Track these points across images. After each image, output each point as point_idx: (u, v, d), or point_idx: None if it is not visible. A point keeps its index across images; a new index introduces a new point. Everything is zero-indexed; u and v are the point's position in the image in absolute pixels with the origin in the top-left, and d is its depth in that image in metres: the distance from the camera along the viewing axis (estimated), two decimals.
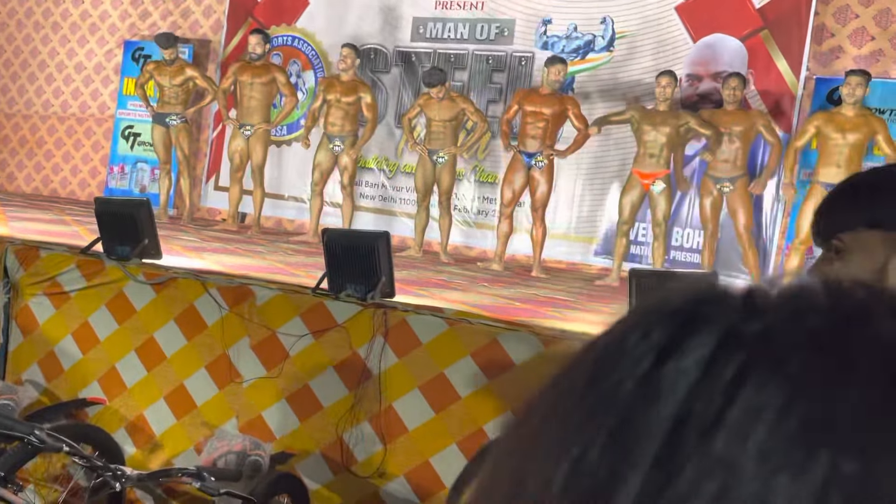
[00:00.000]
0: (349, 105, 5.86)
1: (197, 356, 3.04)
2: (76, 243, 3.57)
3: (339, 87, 5.86)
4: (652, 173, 5.14)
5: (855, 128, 4.64)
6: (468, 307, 3.31)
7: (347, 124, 5.89)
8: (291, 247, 5.41)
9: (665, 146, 5.11)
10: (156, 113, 6.36)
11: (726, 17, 5.67)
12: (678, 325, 0.27)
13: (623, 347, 0.27)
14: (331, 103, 5.89)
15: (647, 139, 5.13)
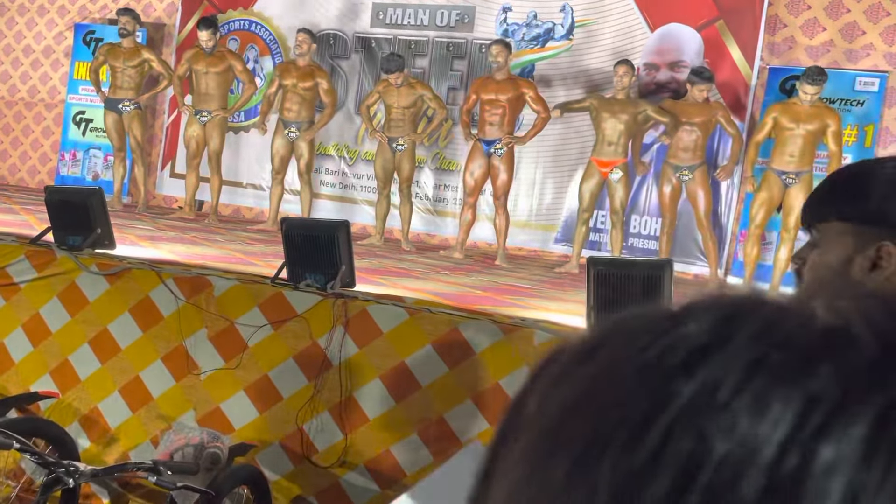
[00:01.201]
0: (305, 91, 5.79)
1: (153, 348, 2.98)
2: (26, 233, 3.47)
3: (296, 73, 5.78)
4: (610, 161, 5.20)
5: (809, 119, 4.76)
6: (429, 296, 3.31)
7: (304, 111, 5.83)
8: (250, 235, 5.34)
9: (623, 134, 5.17)
10: (108, 98, 6.19)
11: (683, 6, 5.75)
12: (807, 398, 0.19)
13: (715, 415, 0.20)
14: (287, 89, 5.82)
15: (605, 127, 5.18)
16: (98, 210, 3.21)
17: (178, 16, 7.37)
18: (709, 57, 5.65)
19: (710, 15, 5.68)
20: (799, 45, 5.64)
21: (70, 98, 7.56)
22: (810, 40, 5.62)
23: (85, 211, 3.20)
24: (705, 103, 5.19)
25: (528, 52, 6.24)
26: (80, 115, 7.48)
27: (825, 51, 5.52)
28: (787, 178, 4.82)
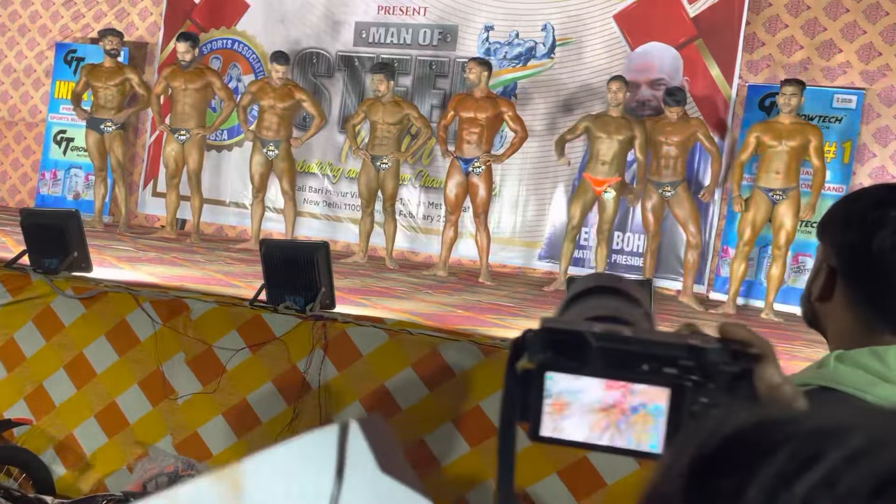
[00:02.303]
0: (284, 110, 5.79)
1: (129, 372, 2.94)
2: (2, 255, 3.43)
3: (272, 93, 5.77)
4: (605, 179, 5.21)
5: (791, 135, 4.80)
6: (409, 316, 3.29)
7: (282, 129, 5.82)
8: (232, 255, 5.30)
9: (618, 154, 5.18)
10: (90, 118, 6.16)
11: (662, 25, 5.80)
12: None
13: None
14: (264, 108, 5.81)
15: (599, 146, 5.19)
16: (74, 233, 3.18)
17: (160, 34, 7.36)
18: (688, 75, 5.71)
19: (690, 34, 5.74)
20: (777, 62, 5.71)
21: (51, 117, 7.51)
22: (788, 58, 5.69)
23: (61, 234, 3.16)
24: (685, 121, 5.22)
25: (510, 71, 6.28)
26: (61, 134, 7.43)
27: (803, 68, 5.58)
28: (775, 196, 4.85)
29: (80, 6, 7.74)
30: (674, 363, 0.46)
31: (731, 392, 0.46)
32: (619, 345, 0.46)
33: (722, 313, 4.92)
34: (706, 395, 0.46)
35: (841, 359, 0.86)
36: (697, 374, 0.46)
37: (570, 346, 0.46)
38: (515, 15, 6.28)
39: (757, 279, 5.47)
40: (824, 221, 0.95)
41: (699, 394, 0.45)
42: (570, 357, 0.46)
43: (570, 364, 0.46)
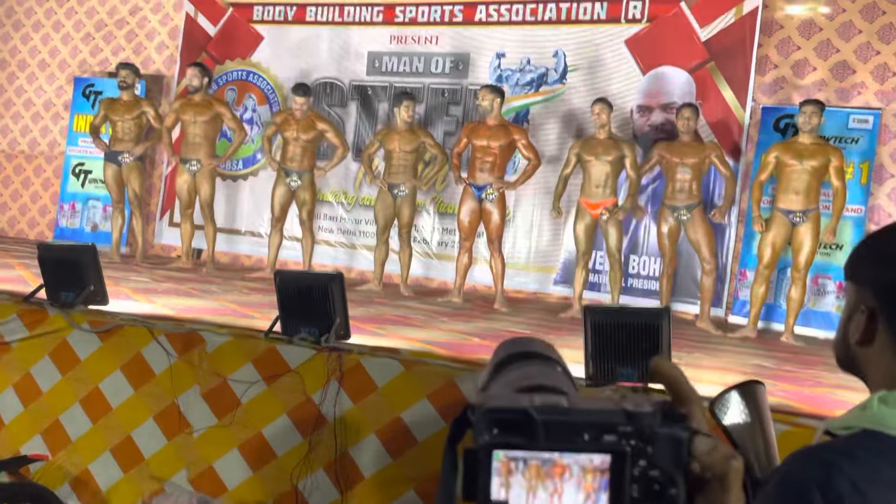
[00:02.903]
0: (307, 142, 5.84)
1: (144, 406, 2.93)
2: (19, 290, 3.45)
3: (295, 124, 5.82)
4: (599, 202, 5.20)
5: (812, 155, 4.74)
6: (425, 345, 3.27)
7: (306, 159, 5.86)
8: (247, 285, 5.31)
9: (610, 175, 5.17)
10: (108, 151, 6.24)
11: (673, 49, 5.81)
12: None
13: None
14: (287, 140, 5.86)
15: (590, 169, 5.20)
16: (91, 266, 3.19)
17: (176, 68, 7.47)
18: (701, 98, 5.70)
19: (701, 57, 5.74)
20: (791, 84, 5.69)
21: (69, 150, 7.62)
22: (802, 80, 5.66)
23: (78, 267, 3.18)
24: (699, 144, 5.20)
25: (523, 97, 6.30)
26: (80, 166, 7.53)
27: (817, 90, 5.56)
28: (795, 217, 4.79)
29: (99, 41, 7.89)
30: (612, 430, 0.47)
31: (668, 455, 0.47)
32: (560, 416, 0.47)
33: (741, 337, 4.85)
34: (645, 458, 0.47)
35: (885, 400, 0.83)
36: (635, 438, 0.47)
37: (515, 423, 0.47)
38: (527, 42, 6.32)
39: (776, 302, 5.40)
40: (854, 260, 0.92)
41: (638, 458, 0.47)
42: (516, 434, 0.47)
43: (516, 441, 0.47)
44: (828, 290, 5.33)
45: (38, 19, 8.15)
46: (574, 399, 0.48)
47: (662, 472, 0.47)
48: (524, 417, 0.47)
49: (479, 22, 6.48)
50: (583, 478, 0.46)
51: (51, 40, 8.10)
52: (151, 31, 7.71)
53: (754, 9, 5.57)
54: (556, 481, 0.46)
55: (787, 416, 2.35)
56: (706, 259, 5.12)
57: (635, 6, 5.98)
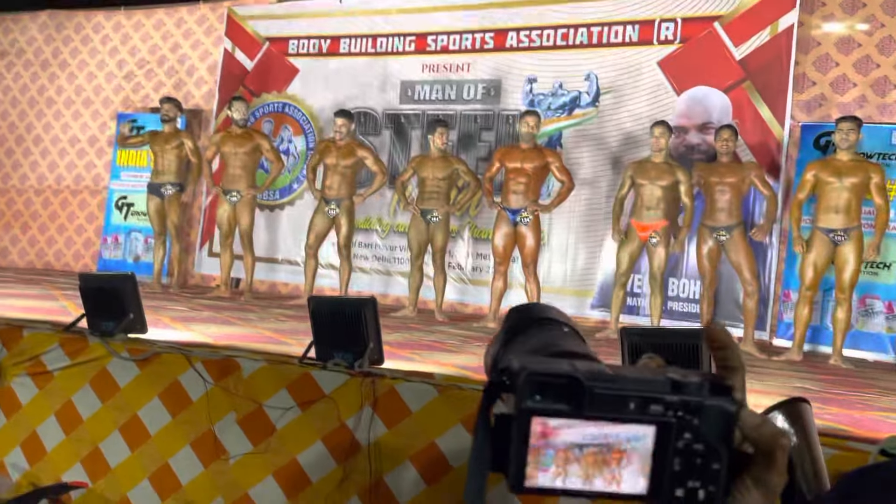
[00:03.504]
0: (346, 168, 5.90)
1: (182, 433, 2.95)
2: (62, 320, 3.52)
3: (336, 152, 5.89)
4: (650, 224, 5.13)
5: (851, 172, 4.63)
6: (459, 370, 3.24)
7: (344, 187, 5.92)
8: (284, 312, 5.35)
9: (662, 199, 5.10)
10: (150, 183, 6.39)
11: (708, 69, 5.76)
12: None
13: None
14: (328, 167, 5.93)
15: (643, 192, 5.13)
16: (130, 295, 3.24)
17: (215, 102, 7.66)
18: (738, 117, 5.62)
19: (737, 76, 5.67)
20: (830, 101, 5.58)
21: (113, 184, 7.83)
22: (841, 97, 5.56)
23: (118, 296, 3.23)
24: (738, 164, 5.12)
25: (555, 121, 6.30)
26: (122, 199, 7.73)
27: (857, 106, 5.45)
28: (836, 236, 4.66)
29: (141, 78, 8.13)
30: (659, 400, 0.44)
31: (714, 428, 0.45)
32: (606, 384, 0.44)
33: (786, 360, 4.71)
34: (690, 430, 0.44)
35: None
36: (682, 409, 0.44)
37: (560, 389, 0.44)
38: (558, 66, 6.34)
39: (822, 324, 5.24)
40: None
41: (683, 430, 0.44)
42: (561, 401, 0.44)
43: (560, 408, 0.44)
44: (875, 311, 5.16)
45: (83, 58, 8.45)
46: (618, 368, 0.46)
47: (707, 445, 0.44)
48: (571, 383, 0.44)
49: (510, 48, 6.52)
50: (626, 451, 0.44)
51: (95, 78, 8.38)
52: (191, 67, 7.92)
53: (790, 26, 5.51)
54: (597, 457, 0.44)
55: (836, 440, 2.26)
56: (748, 280, 5.00)
57: (668, 27, 5.96)
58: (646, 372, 0.46)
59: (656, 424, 0.44)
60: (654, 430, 0.44)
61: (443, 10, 6.78)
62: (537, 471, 0.44)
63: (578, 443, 0.44)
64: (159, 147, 6.30)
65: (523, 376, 0.44)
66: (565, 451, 0.44)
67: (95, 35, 8.42)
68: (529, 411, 0.43)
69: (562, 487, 0.44)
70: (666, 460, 0.44)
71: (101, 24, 8.41)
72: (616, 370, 0.45)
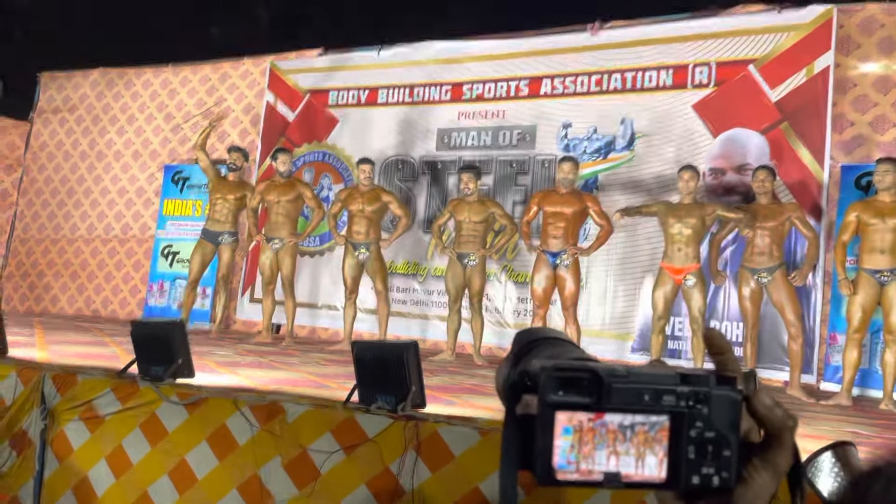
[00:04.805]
0: (373, 213, 6.00)
1: (228, 477, 2.99)
2: (113, 365, 3.62)
3: (360, 198, 6.01)
4: (682, 268, 5.10)
5: (893, 213, 4.58)
6: (501, 414, 3.23)
7: (371, 231, 6.01)
8: (325, 357, 5.41)
9: (692, 239, 5.09)
10: (205, 230, 6.49)
11: (744, 111, 5.77)
12: None
13: None
14: (353, 213, 6.04)
15: (673, 233, 5.13)
16: (179, 341, 3.33)
17: (258, 152, 7.89)
18: (775, 159, 5.61)
19: (773, 118, 5.68)
20: (870, 141, 5.54)
21: (159, 233, 8.06)
22: (882, 136, 5.51)
23: (167, 342, 3.32)
24: (779, 204, 5.09)
25: (591, 165, 6.35)
26: (168, 248, 7.95)
27: None
28: (882, 277, 4.58)
29: (187, 131, 8.43)
30: (670, 391, 0.47)
31: (723, 416, 0.48)
32: (622, 378, 0.48)
33: (835, 404, 4.59)
34: (701, 420, 0.47)
35: None
36: (691, 399, 0.47)
37: (581, 384, 0.47)
38: (593, 111, 6.41)
39: (871, 367, 5.11)
40: None
41: (695, 419, 0.47)
42: (583, 395, 0.47)
43: (580, 402, 0.47)
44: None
45: (133, 113, 8.81)
46: (630, 367, 0.49)
47: (717, 433, 0.47)
48: (591, 377, 0.47)
49: (544, 95, 6.63)
50: (644, 441, 0.47)
51: (143, 132, 8.71)
52: (235, 120, 8.20)
53: (826, 68, 5.52)
54: (615, 443, 0.47)
55: None
56: (791, 322, 4.92)
57: (702, 71, 6.01)
58: (657, 368, 0.49)
59: (670, 414, 0.47)
60: (668, 420, 0.47)
61: (477, 60, 6.95)
62: (564, 463, 0.47)
63: (601, 434, 0.47)
64: (222, 195, 6.42)
65: (546, 373, 0.47)
66: (589, 442, 0.47)
67: (144, 91, 8.78)
68: (553, 405, 0.47)
69: (588, 479, 0.47)
70: (681, 449, 0.47)
71: (149, 81, 8.78)
72: (628, 368, 0.49)
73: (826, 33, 5.54)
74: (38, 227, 9.04)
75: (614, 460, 0.47)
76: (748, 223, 5.00)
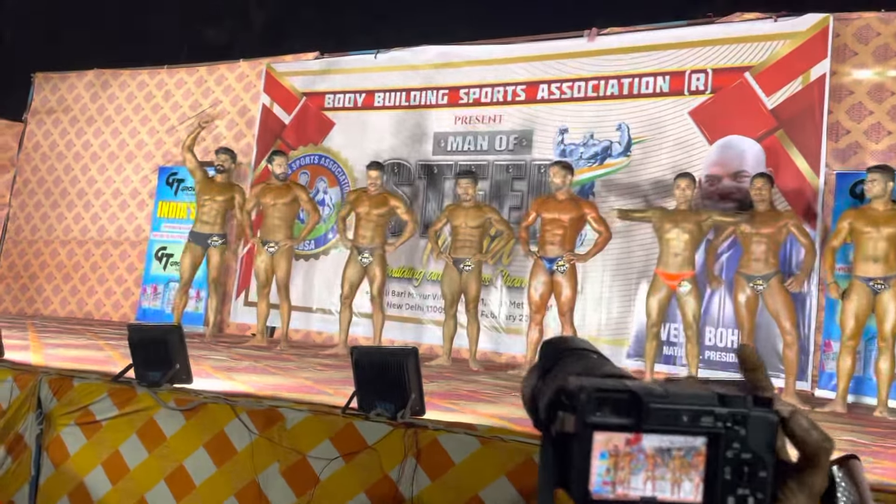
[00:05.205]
0: (379, 217, 5.99)
1: (226, 484, 2.97)
2: (109, 370, 3.60)
3: (368, 202, 6.00)
4: (677, 274, 5.11)
5: (887, 222, 4.61)
6: (500, 421, 3.23)
7: (377, 236, 6.00)
8: (321, 361, 5.40)
9: (688, 245, 5.11)
10: (192, 232, 6.47)
11: (740, 118, 5.80)
12: None
13: None
14: (360, 217, 6.02)
15: (668, 238, 5.14)
16: (177, 346, 3.31)
17: (253, 154, 7.87)
18: (771, 166, 5.63)
19: (769, 125, 5.71)
20: (865, 149, 5.58)
21: (153, 235, 8.02)
22: (876, 144, 5.55)
23: (165, 347, 3.30)
24: (775, 211, 5.11)
25: (587, 170, 6.36)
26: (162, 250, 7.91)
27: (893, 153, 5.43)
28: (876, 285, 4.61)
29: (181, 133, 8.40)
30: (709, 412, 0.47)
31: (760, 438, 0.48)
32: (661, 399, 0.47)
33: (830, 412, 4.61)
34: (738, 441, 0.47)
35: None
36: (729, 420, 0.47)
37: (621, 405, 0.47)
38: (589, 117, 6.42)
39: (865, 374, 5.14)
40: None
41: (731, 441, 0.47)
42: (622, 416, 0.47)
43: (619, 423, 0.47)
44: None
45: (127, 115, 8.77)
46: (662, 384, 0.49)
47: (754, 455, 0.47)
48: (630, 398, 0.47)
49: (540, 100, 6.64)
50: (681, 462, 0.47)
51: (138, 133, 8.67)
52: (230, 122, 8.17)
53: (822, 76, 5.55)
54: (655, 468, 0.47)
55: (889, 496, 2.21)
56: (787, 330, 4.94)
57: (698, 78, 6.03)
58: (694, 387, 0.49)
59: (707, 435, 0.47)
60: (705, 442, 0.47)
61: (474, 65, 6.95)
62: (600, 486, 0.47)
63: (639, 455, 0.47)
64: (210, 196, 6.37)
65: (585, 393, 0.47)
66: (626, 466, 0.47)
67: (139, 92, 8.74)
68: (592, 426, 0.47)
69: (624, 499, 0.47)
70: (717, 470, 0.47)
71: (145, 82, 8.74)
72: (665, 387, 0.48)
73: (822, 41, 5.58)
74: (31, 229, 8.98)
75: (651, 485, 0.47)
76: (747, 221, 5.03)
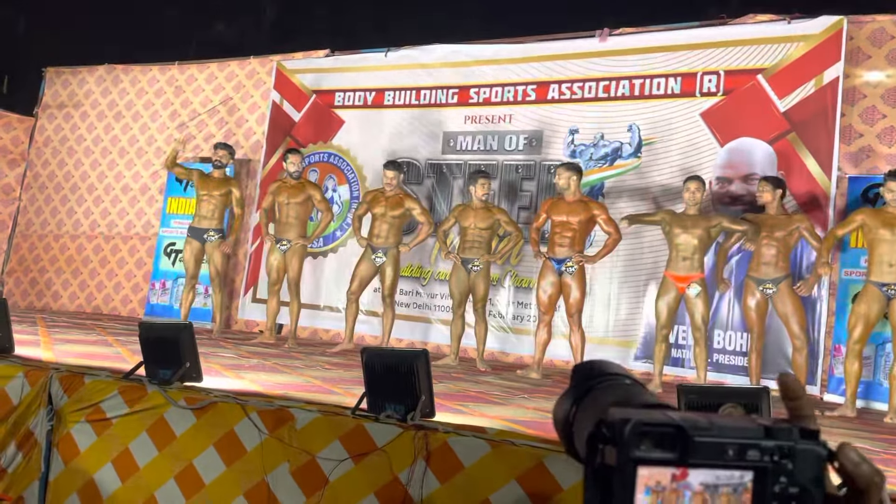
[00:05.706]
0: (395, 218, 6.00)
1: (235, 483, 2.98)
2: (119, 367, 3.61)
3: (385, 202, 6.00)
4: (686, 276, 5.10)
5: None
6: (510, 424, 3.23)
7: (392, 236, 6.00)
8: (329, 360, 5.40)
9: (697, 249, 5.09)
10: (191, 227, 6.50)
11: (752, 121, 5.77)
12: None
13: None
14: (376, 217, 6.02)
15: (678, 242, 5.13)
16: (188, 344, 3.32)
17: (262, 152, 7.88)
18: (783, 169, 5.61)
19: (781, 128, 5.68)
20: (877, 153, 5.54)
21: (163, 231, 8.04)
22: (889, 148, 5.52)
23: (175, 345, 3.31)
24: (787, 215, 5.09)
25: (597, 171, 6.35)
26: (171, 246, 7.93)
27: None
28: (889, 290, 4.58)
29: (192, 129, 8.42)
30: (754, 446, 0.46)
31: (807, 471, 0.47)
32: (705, 432, 0.47)
33: (839, 416, 4.59)
34: (785, 475, 0.46)
35: None
36: (776, 454, 0.46)
37: (662, 438, 0.46)
38: (600, 117, 6.40)
39: (875, 379, 5.11)
40: None
41: (779, 474, 0.46)
42: (667, 450, 0.46)
43: (664, 457, 0.46)
44: None
45: (138, 110, 8.79)
46: (706, 416, 0.48)
47: (801, 489, 0.46)
48: (675, 432, 0.46)
49: (551, 100, 6.62)
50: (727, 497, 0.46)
51: (148, 129, 8.69)
52: (240, 119, 8.18)
53: (835, 79, 5.51)
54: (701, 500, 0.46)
55: None
56: (796, 334, 4.92)
57: (710, 80, 6.00)
58: (738, 420, 0.48)
59: (754, 470, 0.46)
60: (751, 476, 0.46)
61: (485, 64, 6.94)
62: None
63: (685, 492, 0.46)
64: (207, 192, 6.41)
65: (630, 427, 0.46)
66: (673, 500, 0.46)
67: (150, 88, 8.76)
68: (636, 461, 0.46)
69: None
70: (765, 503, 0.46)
71: (155, 78, 8.76)
72: (710, 419, 0.47)
73: (836, 44, 5.54)
74: (41, 223, 9.02)
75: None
76: (752, 237, 5.01)
